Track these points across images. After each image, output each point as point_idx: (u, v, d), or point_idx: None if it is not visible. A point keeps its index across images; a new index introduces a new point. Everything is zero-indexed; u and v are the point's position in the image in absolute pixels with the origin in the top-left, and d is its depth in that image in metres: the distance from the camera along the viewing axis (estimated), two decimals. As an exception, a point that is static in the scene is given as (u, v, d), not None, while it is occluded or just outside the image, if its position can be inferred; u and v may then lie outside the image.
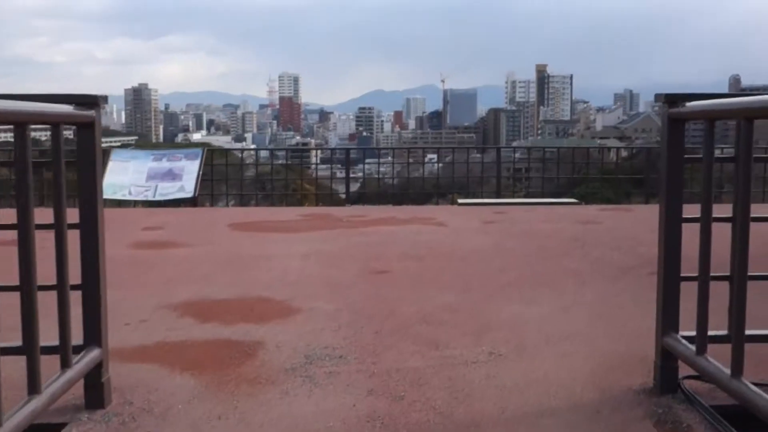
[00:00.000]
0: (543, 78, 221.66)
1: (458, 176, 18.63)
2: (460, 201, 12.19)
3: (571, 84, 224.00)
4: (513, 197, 14.30)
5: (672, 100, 2.95)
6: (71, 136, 3.26)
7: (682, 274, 3.00)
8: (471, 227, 8.31)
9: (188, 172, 12.90)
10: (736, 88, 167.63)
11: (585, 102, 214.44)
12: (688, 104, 2.90)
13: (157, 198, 12.69)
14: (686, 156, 3.06)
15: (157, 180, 12.85)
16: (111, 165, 13.01)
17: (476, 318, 4.33)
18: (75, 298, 2.73)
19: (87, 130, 2.84)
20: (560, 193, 15.10)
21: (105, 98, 2.85)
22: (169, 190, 12.71)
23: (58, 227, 2.63)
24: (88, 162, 2.85)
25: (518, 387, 3.15)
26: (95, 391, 2.92)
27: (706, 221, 2.79)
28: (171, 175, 12.88)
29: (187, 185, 12.72)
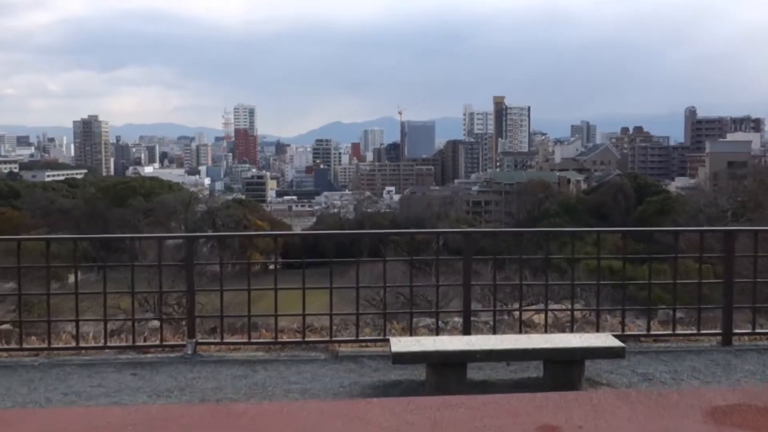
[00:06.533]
0: (501, 110, 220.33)
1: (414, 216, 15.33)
2: (395, 350, 6.24)
3: (528, 116, 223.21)
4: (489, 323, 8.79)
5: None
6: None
7: None
8: None
9: None
10: (692, 120, 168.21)
11: (543, 134, 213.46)
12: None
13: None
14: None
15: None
16: None
17: None
18: None
19: None
20: (523, 223, 11.36)
21: None
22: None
23: None
24: None
25: None
26: None
27: None
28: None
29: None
